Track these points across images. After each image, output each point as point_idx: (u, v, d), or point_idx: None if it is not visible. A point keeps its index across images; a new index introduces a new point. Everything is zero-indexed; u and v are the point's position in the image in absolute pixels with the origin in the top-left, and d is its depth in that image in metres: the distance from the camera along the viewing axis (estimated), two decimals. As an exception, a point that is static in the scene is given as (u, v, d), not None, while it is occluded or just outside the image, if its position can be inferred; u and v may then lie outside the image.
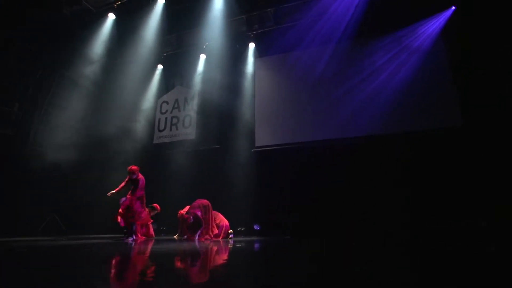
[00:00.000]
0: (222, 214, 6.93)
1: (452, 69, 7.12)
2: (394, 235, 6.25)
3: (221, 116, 9.15)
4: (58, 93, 8.85)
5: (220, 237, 6.52)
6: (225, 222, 6.71)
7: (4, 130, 7.95)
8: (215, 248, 3.90)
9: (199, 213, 6.28)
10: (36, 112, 8.52)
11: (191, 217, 6.25)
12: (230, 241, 5.62)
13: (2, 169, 7.53)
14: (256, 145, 8.70)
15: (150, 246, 4.20)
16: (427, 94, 7.17)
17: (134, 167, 6.02)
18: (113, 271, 2.19)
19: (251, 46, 9.59)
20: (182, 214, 6.51)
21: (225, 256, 2.90)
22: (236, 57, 9.61)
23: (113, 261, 2.68)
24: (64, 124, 8.71)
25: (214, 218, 6.59)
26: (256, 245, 4.57)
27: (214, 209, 6.86)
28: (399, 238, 5.81)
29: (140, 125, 10.10)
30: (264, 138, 8.68)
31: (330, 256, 2.79)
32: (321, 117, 8.06)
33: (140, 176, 6.13)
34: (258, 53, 9.60)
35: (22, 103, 8.30)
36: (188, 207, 6.68)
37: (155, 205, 6.93)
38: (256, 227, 7.88)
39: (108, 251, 3.51)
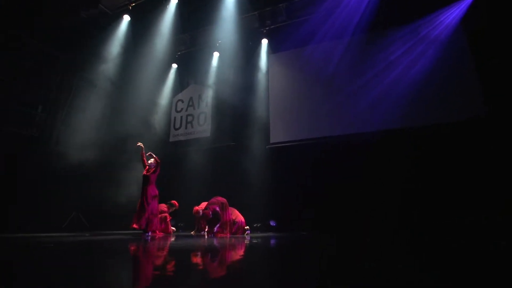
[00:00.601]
0: (237, 210, 6.99)
1: (475, 57, 6.82)
2: (412, 232, 6.14)
3: (235, 113, 9.19)
4: (77, 95, 9.13)
5: (237, 234, 6.59)
6: (240, 218, 6.77)
7: (29, 132, 8.27)
8: (231, 244, 3.96)
9: (217, 209, 6.37)
10: (58, 113, 8.84)
11: (210, 212, 6.35)
12: (246, 237, 5.67)
13: (28, 169, 7.85)
14: (271, 141, 8.72)
15: (168, 242, 4.30)
16: (446, 85, 6.94)
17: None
18: (132, 266, 2.25)
19: (264, 42, 9.56)
20: (197, 210, 6.61)
21: (241, 252, 2.94)
22: (249, 54, 9.61)
23: (132, 256, 2.77)
24: (84, 125, 8.98)
25: (230, 215, 6.67)
26: (272, 241, 4.58)
27: (230, 206, 6.90)
28: (417, 234, 5.70)
29: (156, 124, 10.30)
30: (279, 135, 8.66)
31: (343, 252, 2.79)
32: (336, 112, 7.97)
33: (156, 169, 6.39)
34: (271, 49, 9.56)
35: (45, 105, 8.62)
36: (204, 203, 6.80)
37: (174, 201, 7.06)
38: (272, 223, 7.90)
39: (127, 246, 3.63)
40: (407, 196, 6.59)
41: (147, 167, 6.36)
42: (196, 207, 6.72)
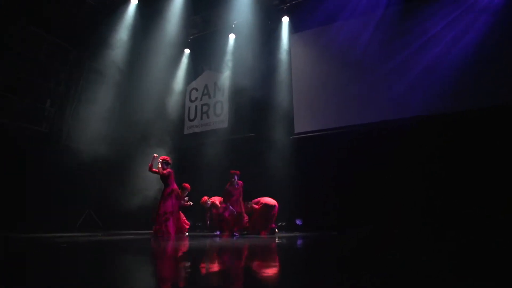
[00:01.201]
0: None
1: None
2: (450, 224, 6.05)
3: (255, 101, 9.16)
4: (86, 87, 9.44)
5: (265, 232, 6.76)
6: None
7: (38, 127, 8.65)
8: (254, 245, 4.04)
9: (234, 209, 6.60)
10: (67, 107, 9.18)
11: (221, 210, 6.61)
12: (275, 237, 5.75)
13: (39, 166, 8.24)
14: (296, 131, 8.71)
15: (184, 243, 4.43)
16: (499, 63, 6.59)
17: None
18: (149, 269, 2.36)
19: (285, 20, 9.46)
20: (205, 200, 7.09)
21: (263, 255, 3.00)
22: (268, 35, 9.55)
23: (152, 258, 2.89)
24: (95, 118, 9.29)
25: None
26: (299, 242, 4.59)
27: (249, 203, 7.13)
28: (451, 227, 5.59)
29: (169, 116, 10.45)
30: (304, 124, 8.63)
31: (370, 254, 2.79)
32: (367, 98, 7.83)
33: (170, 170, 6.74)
34: (293, 28, 9.45)
35: (54, 99, 8.96)
36: (217, 198, 7.20)
37: (185, 184, 7.31)
38: (298, 222, 7.93)
39: (143, 247, 3.78)
40: (444, 188, 6.47)
41: (160, 168, 6.71)
42: (205, 198, 7.01)
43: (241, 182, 6.94)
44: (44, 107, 8.80)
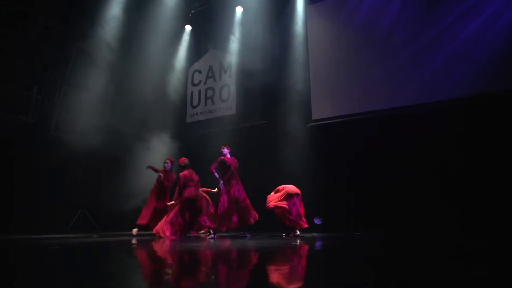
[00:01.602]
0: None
1: None
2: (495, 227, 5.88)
3: (266, 84, 9.04)
4: (76, 71, 9.28)
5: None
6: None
7: (24, 117, 8.54)
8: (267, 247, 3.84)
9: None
10: (56, 94, 9.06)
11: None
12: (296, 239, 5.57)
13: (26, 160, 8.16)
14: (313, 118, 8.62)
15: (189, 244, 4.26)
16: None
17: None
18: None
19: (300, -11, 9.29)
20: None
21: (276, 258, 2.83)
22: (281, 7, 9.43)
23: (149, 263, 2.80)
24: (86, 106, 9.20)
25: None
26: (318, 244, 4.51)
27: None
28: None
29: (170, 102, 10.40)
30: (323, 109, 8.54)
31: (397, 259, 2.58)
32: (394, 79, 7.74)
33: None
34: (310, -1, 9.27)
35: (41, 86, 8.83)
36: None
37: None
38: (316, 221, 7.83)
39: (144, 250, 3.69)
40: (484, 184, 6.24)
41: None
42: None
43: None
44: (30, 94, 8.67)
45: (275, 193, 6.67)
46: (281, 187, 6.70)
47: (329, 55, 8.71)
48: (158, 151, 9.08)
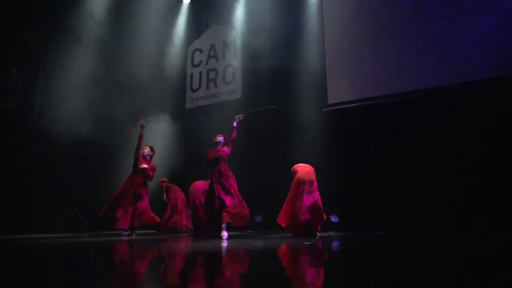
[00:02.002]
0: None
1: None
2: None
3: (276, 63, 8.96)
4: (60, 50, 9.22)
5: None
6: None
7: (3, 103, 8.47)
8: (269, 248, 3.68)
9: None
10: (38, 77, 8.99)
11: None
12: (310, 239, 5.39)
13: (6, 152, 8.09)
14: (329, 102, 8.53)
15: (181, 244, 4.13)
16: None
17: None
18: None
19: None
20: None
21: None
22: None
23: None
24: (72, 90, 9.16)
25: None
26: (335, 245, 4.55)
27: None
28: None
29: (166, 86, 10.38)
30: (340, 92, 8.45)
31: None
32: (422, 57, 7.65)
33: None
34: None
35: (21, 67, 8.75)
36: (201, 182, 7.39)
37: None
38: (333, 218, 7.79)
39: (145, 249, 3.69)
40: None
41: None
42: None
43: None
44: (9, 77, 8.61)
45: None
46: (295, 167, 6.62)
47: (347, 30, 8.61)
48: (155, 139, 8.96)
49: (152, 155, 7.12)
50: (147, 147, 7.11)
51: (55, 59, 9.15)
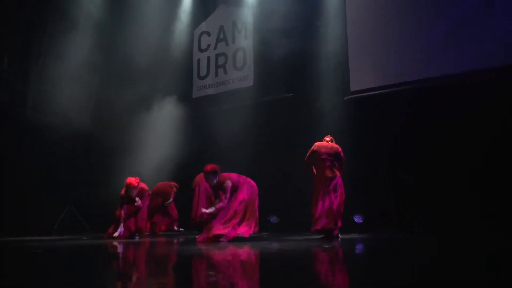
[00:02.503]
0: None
1: None
2: None
3: (292, 47, 8.87)
4: (55, 36, 9.26)
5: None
6: None
7: None
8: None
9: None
10: (31, 66, 9.06)
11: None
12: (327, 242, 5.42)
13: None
14: (352, 89, 8.49)
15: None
16: None
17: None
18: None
19: None
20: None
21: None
22: None
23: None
24: (69, 80, 9.21)
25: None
26: (359, 248, 4.59)
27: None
28: None
29: (171, 73, 10.38)
30: (364, 78, 8.40)
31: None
32: (461, 36, 7.48)
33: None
34: None
35: (13, 56, 8.83)
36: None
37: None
38: (357, 219, 7.83)
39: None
40: None
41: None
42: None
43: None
44: (1, 67, 8.73)
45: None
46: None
47: (373, 8, 8.53)
48: (159, 131, 9.20)
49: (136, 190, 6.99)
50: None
51: (50, 46, 9.22)
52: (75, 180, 9.30)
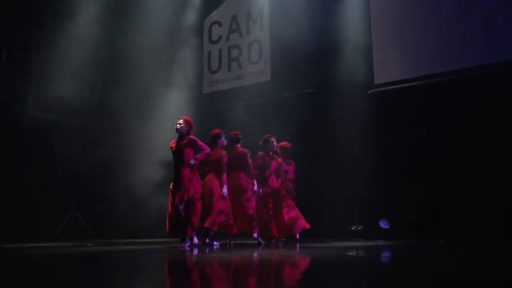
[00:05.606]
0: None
1: None
2: None
3: (311, 38, 9.00)
4: (56, 28, 9.37)
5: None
6: None
7: None
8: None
9: None
10: (31, 61, 9.26)
11: None
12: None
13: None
14: (376, 82, 8.55)
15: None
16: None
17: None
18: None
19: None
20: None
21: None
22: None
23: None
24: (72, 75, 9.35)
25: None
26: (385, 256, 4.59)
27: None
28: None
29: (180, 67, 10.45)
30: (389, 70, 8.49)
31: None
32: (492, 26, 7.48)
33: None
34: None
35: (11, 50, 9.00)
36: None
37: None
38: (382, 224, 7.91)
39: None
40: None
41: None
42: None
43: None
44: None
45: None
46: None
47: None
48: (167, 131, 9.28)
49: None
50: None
51: (51, 39, 9.25)
52: (79, 183, 9.40)
